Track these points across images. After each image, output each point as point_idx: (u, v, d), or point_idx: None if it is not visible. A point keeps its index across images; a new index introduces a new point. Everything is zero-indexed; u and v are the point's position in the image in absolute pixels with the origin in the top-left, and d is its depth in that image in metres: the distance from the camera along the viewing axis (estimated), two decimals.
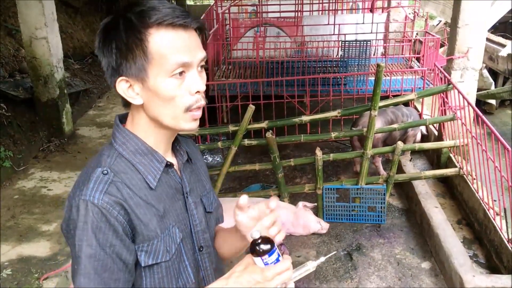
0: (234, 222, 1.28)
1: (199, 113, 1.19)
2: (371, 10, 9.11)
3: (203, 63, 1.19)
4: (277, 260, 1.11)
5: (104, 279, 1.09)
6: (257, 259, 1.10)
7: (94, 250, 1.09)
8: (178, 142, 1.32)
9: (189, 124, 1.19)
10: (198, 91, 1.16)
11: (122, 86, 1.17)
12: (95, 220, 1.09)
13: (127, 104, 1.21)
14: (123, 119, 1.27)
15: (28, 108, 6.23)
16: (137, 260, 1.17)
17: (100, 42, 1.16)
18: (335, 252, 3.94)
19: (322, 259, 1.24)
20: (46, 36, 5.94)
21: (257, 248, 1.09)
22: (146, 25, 1.11)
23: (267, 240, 1.10)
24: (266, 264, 1.10)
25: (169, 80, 1.13)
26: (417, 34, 8.79)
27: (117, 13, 1.15)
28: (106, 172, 1.15)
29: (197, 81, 1.16)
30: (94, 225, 1.09)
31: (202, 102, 1.18)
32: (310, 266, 1.19)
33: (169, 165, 1.25)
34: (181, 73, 1.14)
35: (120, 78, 1.16)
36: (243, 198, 1.22)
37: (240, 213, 1.23)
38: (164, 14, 1.11)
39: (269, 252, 1.09)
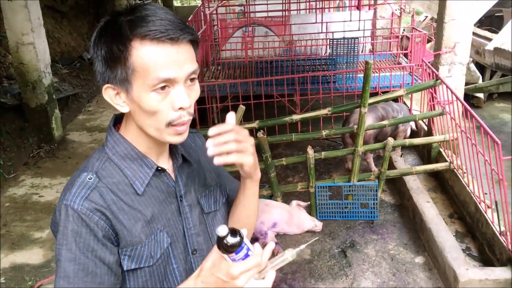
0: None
1: (183, 128, 1.17)
2: (358, 7, 9.14)
3: (194, 75, 1.16)
4: (246, 255, 1.07)
5: (86, 283, 1.11)
6: (225, 256, 1.07)
7: (73, 254, 1.10)
8: (174, 144, 1.30)
9: (173, 137, 1.17)
10: (181, 108, 1.13)
11: (109, 93, 1.16)
12: (75, 225, 1.10)
13: None
14: (120, 118, 1.26)
15: (16, 114, 6.18)
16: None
17: (93, 44, 1.14)
18: (317, 237, 3.95)
19: (302, 247, 1.22)
20: (33, 42, 5.90)
21: (223, 245, 1.05)
22: (130, 37, 1.08)
23: (234, 235, 1.05)
24: (233, 260, 1.07)
25: (151, 94, 1.11)
26: (404, 30, 8.83)
27: (112, 16, 1.13)
28: (91, 177, 1.15)
29: (181, 97, 1.12)
30: (74, 230, 1.10)
31: (186, 118, 1.15)
32: (289, 255, 1.16)
33: (160, 170, 1.24)
34: (163, 88, 1.11)
35: (107, 85, 1.15)
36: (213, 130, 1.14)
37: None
38: (151, 27, 1.07)
39: (236, 250, 1.06)
